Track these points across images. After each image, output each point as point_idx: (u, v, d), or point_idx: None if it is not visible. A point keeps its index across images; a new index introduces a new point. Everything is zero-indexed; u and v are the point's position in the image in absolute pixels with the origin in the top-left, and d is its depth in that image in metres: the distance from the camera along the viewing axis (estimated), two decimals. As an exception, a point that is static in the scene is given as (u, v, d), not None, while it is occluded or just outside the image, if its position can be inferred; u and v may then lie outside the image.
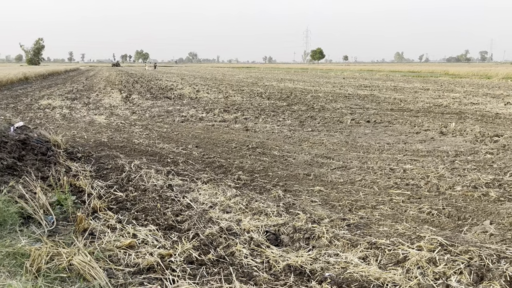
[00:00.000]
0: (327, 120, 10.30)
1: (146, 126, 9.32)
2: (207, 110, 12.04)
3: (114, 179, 4.97)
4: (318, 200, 4.46)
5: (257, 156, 6.55)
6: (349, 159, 6.30)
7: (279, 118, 10.73)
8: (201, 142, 7.61)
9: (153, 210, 4.03)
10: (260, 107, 13.08)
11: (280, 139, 7.98)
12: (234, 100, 15.27)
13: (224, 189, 4.69)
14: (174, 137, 8.07)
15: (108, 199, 4.25)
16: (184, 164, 5.89)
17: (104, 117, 10.76)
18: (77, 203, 4.04)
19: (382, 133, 8.60)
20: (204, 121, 10.23)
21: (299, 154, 6.66)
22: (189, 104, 13.84)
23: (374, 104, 13.82)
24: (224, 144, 7.41)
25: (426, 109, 12.52)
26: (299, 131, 8.86)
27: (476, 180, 5.01)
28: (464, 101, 14.69)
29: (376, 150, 6.96)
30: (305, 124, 9.77)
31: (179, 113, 11.53)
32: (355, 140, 7.86)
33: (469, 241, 3.33)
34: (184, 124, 9.78)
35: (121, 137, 7.89)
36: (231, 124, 9.88)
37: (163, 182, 4.88)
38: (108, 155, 6.19)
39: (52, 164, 5.03)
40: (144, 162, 5.79)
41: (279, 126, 9.56)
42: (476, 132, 8.27)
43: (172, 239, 3.39)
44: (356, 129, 9.11)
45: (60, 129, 8.67)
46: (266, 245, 3.33)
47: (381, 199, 4.49)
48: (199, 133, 8.50)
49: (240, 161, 6.12)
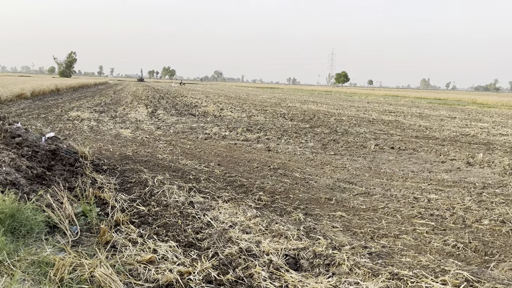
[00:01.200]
0: (350, 144, 10.23)
1: (170, 142, 9.47)
2: (230, 129, 12.15)
3: (137, 193, 5.05)
4: (340, 225, 4.41)
5: (278, 177, 6.54)
6: (372, 186, 6.22)
7: (302, 140, 10.73)
8: (223, 160, 7.67)
9: (174, 226, 4.07)
10: (283, 128, 13.12)
11: (302, 161, 7.96)
12: (257, 120, 15.38)
13: (244, 209, 4.69)
14: (197, 154, 8.17)
15: (131, 212, 4.31)
16: (206, 181, 5.94)
17: (130, 131, 11.01)
18: (100, 215, 4.11)
19: (406, 161, 8.47)
20: (227, 140, 10.32)
21: (321, 178, 6.62)
22: (213, 122, 14.02)
23: (398, 131, 13.66)
24: (246, 164, 7.44)
25: (453, 138, 12.28)
26: (322, 154, 8.83)
27: (505, 215, 4.86)
28: (492, 132, 14.35)
29: (400, 177, 6.85)
30: (328, 147, 9.73)
31: (202, 130, 11.68)
32: (378, 166, 7.76)
33: (496, 278, 3.21)
34: (207, 142, 9.89)
35: (145, 151, 8.04)
36: (254, 143, 9.93)
37: (185, 198, 4.93)
38: (132, 169, 6.30)
39: (79, 175, 5.16)
40: (167, 178, 5.87)
41: (301, 148, 9.55)
42: (505, 165, 8.04)
43: (192, 256, 3.40)
44: (379, 155, 9.01)
45: (87, 140, 8.91)
46: (285, 269, 3.30)
47: (404, 229, 4.40)
48: (221, 151, 8.58)
49: (261, 181, 6.12)
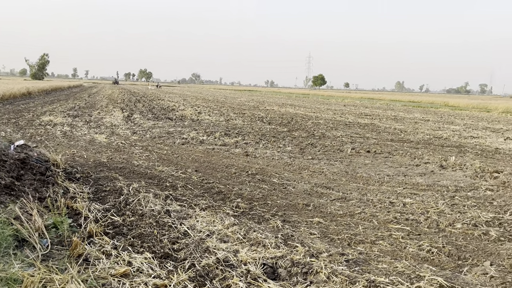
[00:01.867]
0: (328, 148, 10.31)
1: (146, 147, 9.32)
2: (208, 133, 12.07)
3: (112, 202, 4.93)
4: (317, 232, 4.42)
5: (256, 183, 6.52)
6: (349, 190, 6.27)
7: (280, 144, 10.75)
8: (201, 166, 7.59)
9: (149, 236, 3.98)
10: (261, 132, 13.12)
11: (280, 166, 7.97)
12: (235, 124, 15.33)
13: (222, 217, 4.64)
14: (174, 159, 8.06)
15: (105, 223, 4.20)
16: (183, 188, 5.85)
17: (104, 136, 10.78)
18: (73, 227, 3.99)
19: (382, 164, 8.60)
20: (205, 144, 10.24)
21: (298, 183, 6.64)
22: (191, 126, 13.89)
23: (374, 134, 13.87)
24: (223, 169, 7.39)
25: (426, 141, 12.56)
26: (299, 159, 8.86)
27: (476, 218, 4.98)
28: (464, 134, 14.76)
29: (376, 181, 6.94)
30: (306, 152, 9.78)
31: (180, 135, 11.55)
32: (355, 170, 7.85)
33: (469, 283, 3.28)
34: (184, 147, 9.78)
35: (120, 157, 7.88)
36: (232, 148, 9.88)
37: (161, 207, 4.84)
38: (107, 177, 6.16)
39: (50, 184, 5.00)
40: (142, 185, 5.75)
41: (279, 152, 9.56)
42: (476, 167, 8.27)
43: (168, 268, 3.33)
44: (356, 159, 9.11)
45: (60, 147, 8.66)
46: (263, 278, 3.28)
47: (380, 234, 4.45)
48: (199, 157, 8.49)
49: (239, 188, 6.08)
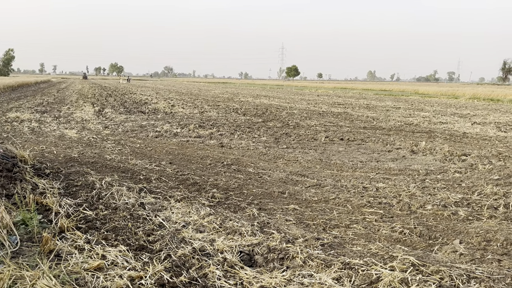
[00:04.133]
0: (302, 137, 10.39)
1: (118, 141, 9.13)
2: (182, 126, 11.94)
3: (84, 196, 4.81)
4: (293, 218, 4.46)
5: (232, 173, 6.51)
6: (323, 177, 6.35)
7: (255, 134, 10.75)
8: (175, 158, 7.51)
9: (124, 229, 3.91)
10: (236, 123, 13.09)
11: (255, 156, 7.98)
12: (210, 116, 15.23)
13: (197, 207, 4.61)
14: (147, 153, 7.94)
15: (77, 218, 4.10)
16: (157, 181, 5.78)
17: (75, 131, 10.50)
18: (43, 223, 3.87)
19: (355, 151, 8.74)
20: (179, 137, 10.13)
21: (274, 172, 6.67)
22: (164, 119, 13.70)
23: (347, 122, 14.08)
24: (198, 161, 7.34)
25: (398, 127, 12.84)
26: (274, 148, 8.90)
27: (446, 199, 5.14)
28: (433, 120, 15.17)
29: (350, 168, 7.05)
30: (280, 141, 9.83)
31: (153, 128, 11.38)
32: (329, 157, 7.95)
33: (440, 261, 3.39)
34: (158, 140, 9.65)
35: (92, 152, 7.69)
36: (206, 140, 9.82)
37: (135, 200, 4.76)
38: (78, 172, 6.00)
39: (18, 181, 4.83)
40: (115, 179, 5.64)
41: (254, 142, 9.57)
42: (445, 151, 8.52)
43: (143, 260, 3.29)
44: (330, 147, 9.23)
45: (28, 143, 8.38)
46: (240, 266, 3.28)
47: (354, 218, 4.53)
48: (173, 149, 8.40)
49: (214, 179, 6.06)
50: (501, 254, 3.61)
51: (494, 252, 3.65)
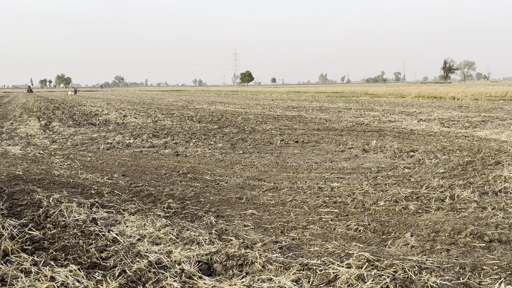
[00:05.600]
0: (258, 142, 10.45)
1: (67, 156, 8.73)
2: (135, 136, 11.63)
3: (30, 216, 4.54)
4: (251, 224, 4.45)
5: (188, 182, 6.41)
6: (280, 180, 6.41)
7: (211, 141, 10.68)
8: (128, 170, 7.29)
9: (74, 248, 3.73)
10: (191, 130, 12.94)
11: (212, 163, 7.92)
12: (164, 125, 14.96)
13: (153, 219, 4.49)
14: (98, 166, 7.65)
15: (22, 239, 3.86)
16: (109, 195, 5.57)
17: (19, 147, 9.92)
18: (-16, 247, 3.61)
19: (310, 153, 8.90)
20: (132, 148, 9.85)
21: (231, 178, 6.64)
22: (116, 130, 13.28)
23: (301, 125, 14.33)
24: (153, 171, 7.16)
25: (350, 127, 13.24)
26: (231, 154, 8.87)
27: (397, 195, 5.35)
28: (383, 119, 15.79)
29: (305, 169, 7.16)
30: (237, 147, 9.82)
31: (104, 140, 11.00)
32: (285, 160, 8.04)
33: (393, 255, 3.50)
34: (109, 152, 9.33)
35: (39, 168, 7.30)
36: (161, 149, 9.62)
37: (86, 216, 4.56)
38: (23, 190, 5.66)
39: (-46, 204, 4.47)
40: (64, 196, 5.37)
41: (210, 149, 9.50)
42: (394, 148, 8.88)
43: (96, 278, 3.15)
44: (285, 150, 9.34)
45: (-34, 163, 7.81)
46: (198, 276, 3.22)
47: (311, 219, 4.59)
48: (126, 161, 8.15)
49: (170, 188, 5.93)
50: (449, 244, 3.80)
51: (443, 242, 3.83)
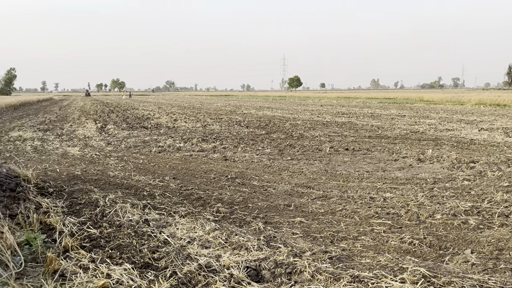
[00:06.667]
0: (306, 148, 10.40)
1: (121, 158, 9.17)
2: (185, 140, 11.98)
3: (88, 215, 4.82)
4: (299, 232, 4.44)
5: (236, 186, 6.51)
6: (329, 188, 6.33)
7: (258, 146, 10.77)
8: (179, 173, 7.53)
9: (128, 247, 3.91)
10: (239, 135, 13.12)
11: (260, 169, 7.98)
12: (213, 129, 15.29)
13: (202, 222, 4.61)
14: (150, 168, 7.96)
15: (81, 236, 4.10)
16: (161, 197, 5.79)
17: (78, 148, 10.56)
18: (47, 242, 3.88)
19: (361, 161, 8.72)
20: (182, 151, 10.16)
21: (279, 184, 6.66)
22: (167, 134, 13.76)
23: (352, 132, 14.07)
24: (202, 175, 7.35)
25: (403, 136, 12.81)
26: (279, 160, 8.90)
27: (455, 208, 5.10)
28: (439, 128, 15.12)
29: (356, 178, 7.03)
30: (284, 153, 9.83)
31: (156, 143, 11.43)
32: (334, 168, 7.93)
33: (451, 272, 3.35)
34: (161, 155, 9.68)
35: (95, 169, 7.73)
36: (210, 153, 9.84)
37: (139, 217, 4.77)
38: (81, 189, 6.03)
39: (21, 200, 4.85)
40: (119, 196, 5.66)
41: (258, 155, 9.58)
42: (452, 159, 8.48)
43: (149, 278, 3.28)
44: (335, 157, 9.21)
45: (31, 162, 8.43)
46: (247, 281, 3.26)
47: (362, 230, 4.50)
48: (176, 164, 8.42)
49: (219, 193, 6.06)
50: (514, 263, 3.57)
51: (507, 261, 3.61)
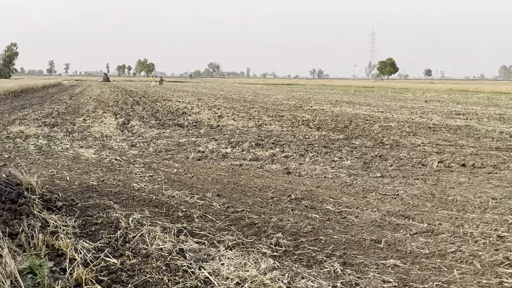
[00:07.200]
0: (403, 162, 10.20)
1: (149, 165, 9.52)
2: (233, 144, 12.19)
3: (106, 239, 5.06)
4: (393, 279, 4.37)
5: (303, 211, 6.53)
6: (437, 220, 6.19)
7: (334, 157, 10.72)
8: (225, 188, 7.68)
9: (157, 286, 4.05)
10: (307, 140, 13.14)
11: (336, 188, 7.94)
12: (270, 130, 15.42)
13: (256, 258, 4.67)
14: (187, 181, 8.19)
15: (97, 267, 4.31)
16: (201, 220, 5.94)
17: (93, 151, 11.10)
18: (55, 272, 4.11)
19: (484, 183, 8.41)
20: (229, 159, 10.35)
21: (363, 211, 6.60)
22: (208, 135, 14.08)
23: (471, 140, 13.63)
24: (256, 193, 7.44)
25: (549, 148, 12.17)
26: (363, 177, 8.80)
27: None
28: None
29: (477, 207, 6.80)
30: (372, 167, 9.70)
31: (194, 147, 11.73)
32: (444, 192, 7.72)
33: None
34: (201, 163, 9.92)
35: (115, 179, 8.09)
36: (266, 164, 9.94)
37: (172, 245, 4.93)
38: (97, 205, 6.33)
39: (24, 215, 5.19)
40: (146, 216, 5.88)
41: (334, 168, 9.53)
42: None
43: (184, 329, 3.38)
44: (446, 176, 8.96)
45: (35, 166, 9.00)
46: None
47: (486, 282, 4.34)
48: (221, 176, 8.59)
49: (279, 218, 6.11)
50: None
51: None
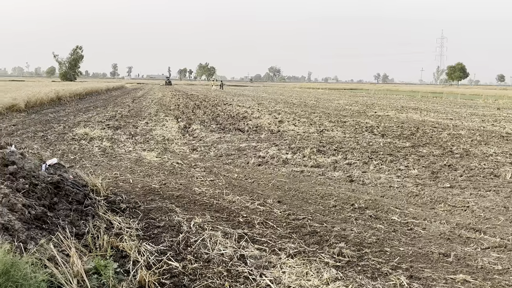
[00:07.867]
0: (475, 172, 9.90)
1: (210, 169, 9.68)
2: (294, 150, 12.20)
3: (168, 242, 5.19)
4: (463, 296, 4.25)
5: (366, 221, 6.46)
6: (511, 235, 5.97)
7: (400, 165, 10.54)
8: (285, 195, 7.70)
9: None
10: (371, 147, 12.98)
11: (402, 198, 7.81)
12: (332, 136, 15.32)
13: (318, 267, 4.66)
14: (248, 186, 8.27)
15: (160, 270, 4.43)
16: (261, 226, 5.99)
17: (155, 154, 11.41)
18: (119, 273, 4.26)
19: None
20: (290, 165, 10.36)
21: (431, 222, 6.46)
22: (269, 140, 14.16)
23: (549, 150, 13.02)
24: (318, 201, 7.42)
25: None
26: (431, 187, 8.60)
27: None
28: None
29: (555, 222, 6.50)
30: (440, 177, 9.48)
31: (254, 153, 11.83)
32: (519, 205, 7.44)
33: None
34: (261, 169, 9.99)
35: (177, 183, 8.28)
36: (328, 171, 9.89)
37: (233, 251, 5.00)
38: (160, 208, 6.51)
39: (89, 216, 5.41)
40: (207, 221, 5.99)
41: (399, 177, 9.37)
42: None
43: (245, 336, 3.41)
44: (520, 188, 8.63)
45: (99, 168, 9.34)
46: None
47: None
48: (282, 183, 8.62)
49: (341, 228, 6.07)
50: None
51: None
